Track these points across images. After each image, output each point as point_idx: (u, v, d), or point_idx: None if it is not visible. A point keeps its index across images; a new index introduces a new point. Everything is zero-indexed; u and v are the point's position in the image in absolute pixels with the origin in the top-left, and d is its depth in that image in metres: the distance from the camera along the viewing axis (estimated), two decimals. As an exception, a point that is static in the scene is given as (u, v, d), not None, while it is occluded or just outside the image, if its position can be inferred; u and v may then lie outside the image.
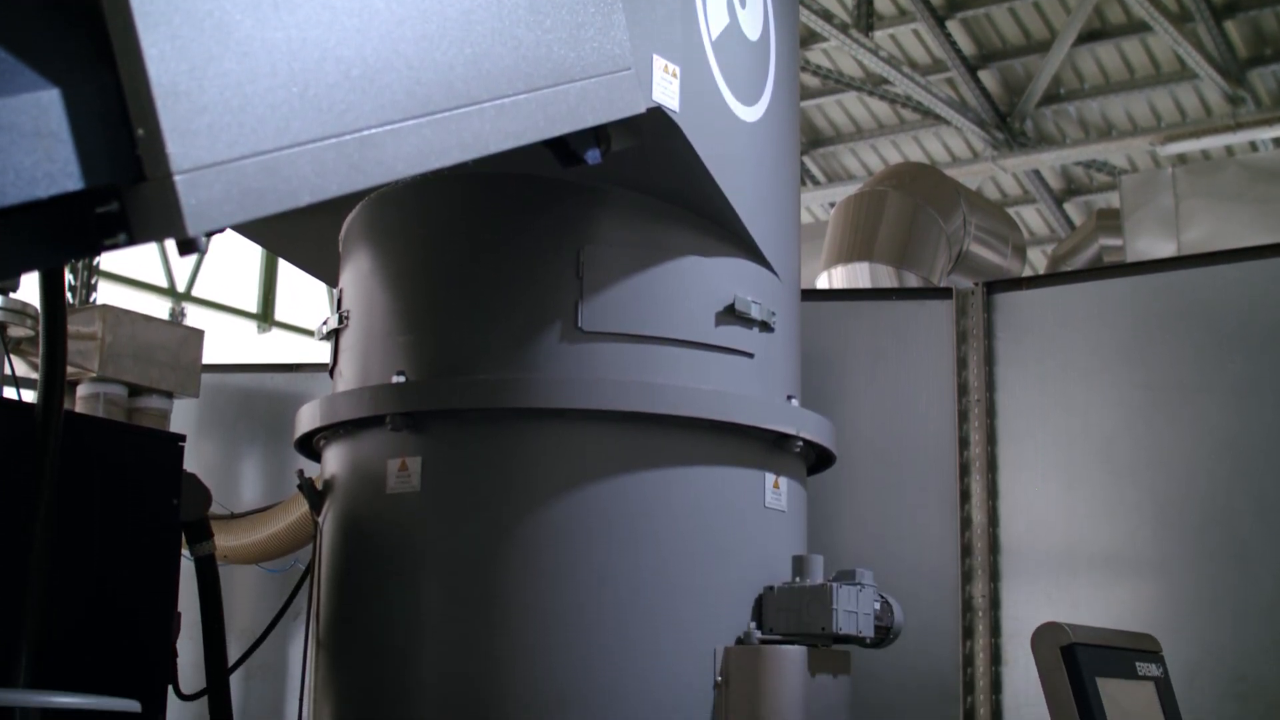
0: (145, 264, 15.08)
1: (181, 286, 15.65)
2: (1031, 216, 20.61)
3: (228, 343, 15.41)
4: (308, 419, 4.70)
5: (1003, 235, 11.30)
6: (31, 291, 5.97)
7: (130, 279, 14.74)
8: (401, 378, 4.36)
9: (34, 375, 4.85)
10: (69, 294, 10.94)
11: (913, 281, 10.08)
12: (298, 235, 5.34)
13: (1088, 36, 16.63)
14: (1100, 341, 6.06)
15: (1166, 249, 12.13)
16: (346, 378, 4.66)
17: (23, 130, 2.22)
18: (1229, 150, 16.95)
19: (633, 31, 3.62)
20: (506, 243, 4.40)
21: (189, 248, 2.38)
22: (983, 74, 17.49)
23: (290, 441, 4.93)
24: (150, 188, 2.34)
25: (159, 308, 14.68)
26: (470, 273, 4.41)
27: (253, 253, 16.14)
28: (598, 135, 3.78)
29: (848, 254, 10.40)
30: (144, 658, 4.59)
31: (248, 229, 5.18)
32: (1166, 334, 5.92)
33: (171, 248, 2.43)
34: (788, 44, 4.94)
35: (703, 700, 4.18)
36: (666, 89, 3.94)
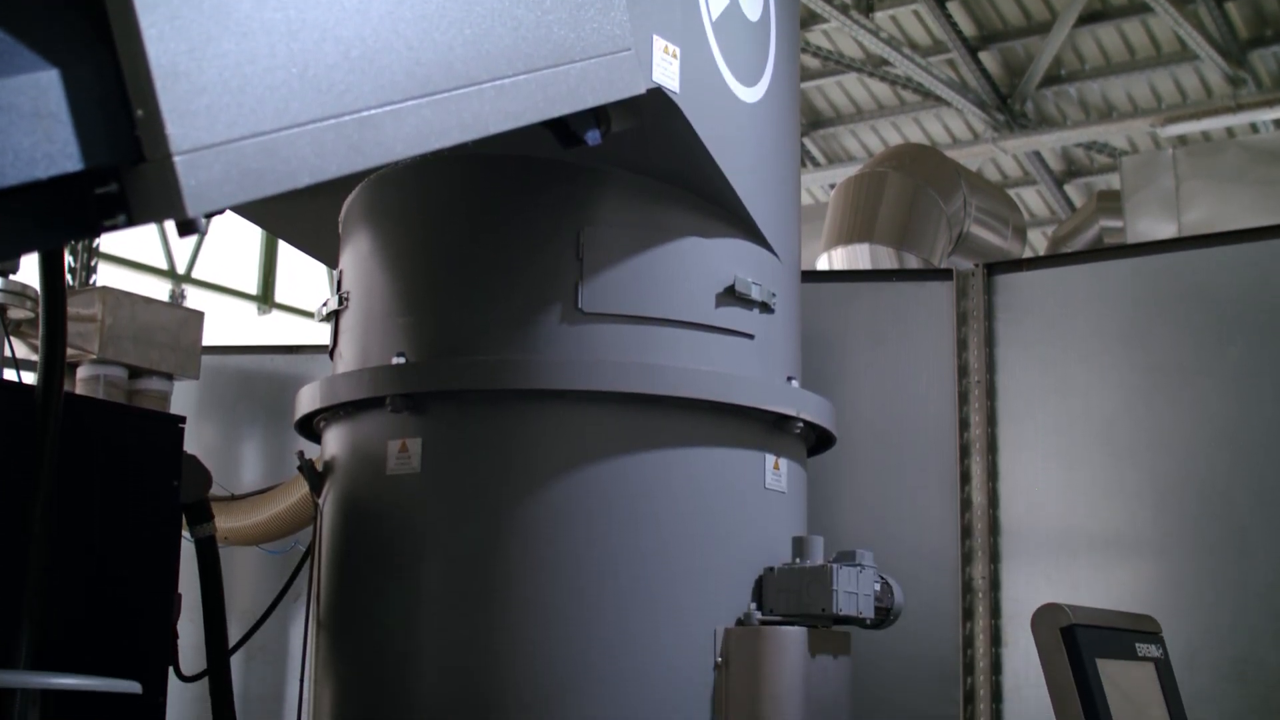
0: (145, 246, 15.10)
1: (181, 268, 15.66)
2: (1032, 198, 20.61)
3: (228, 324, 15.42)
4: (308, 400, 4.70)
5: (1003, 217, 11.29)
6: (31, 273, 5.97)
7: (130, 261, 14.75)
8: (401, 359, 4.36)
9: (34, 357, 4.85)
10: (69, 276, 10.95)
11: (913, 263, 10.07)
12: (297, 216, 5.33)
13: (1088, 17, 16.62)
14: (1101, 323, 6.05)
15: (1167, 230, 12.12)
16: (346, 359, 4.66)
17: (21, 111, 2.22)
18: (1230, 131, 16.94)
19: (633, 12, 3.61)
20: (506, 224, 4.40)
21: (188, 229, 2.37)
22: (983, 55, 17.47)
23: (290, 423, 4.93)
24: (150, 169, 2.33)
25: (159, 290, 14.70)
26: (470, 254, 4.40)
27: (253, 234, 16.16)
28: (598, 116, 3.78)
29: (848, 235, 10.40)
30: (144, 639, 4.59)
31: (247, 210, 5.17)
32: (1167, 315, 5.92)
33: (171, 229, 2.42)
34: (788, 25, 4.93)
35: (703, 681, 4.18)
36: (666, 70, 3.93)
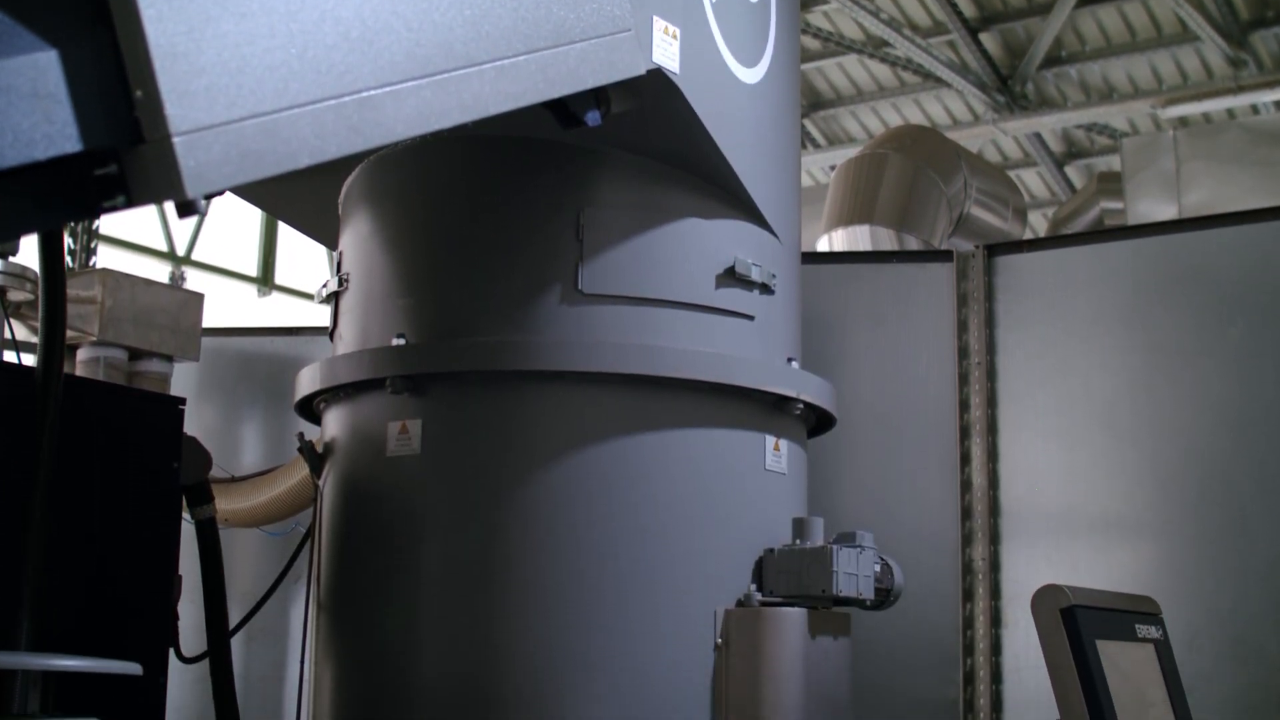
0: (145, 228, 15.09)
1: (181, 250, 15.66)
2: (1032, 179, 20.60)
3: (228, 306, 15.42)
4: (308, 382, 4.70)
5: (1003, 198, 11.29)
6: (31, 255, 5.96)
7: (130, 243, 14.75)
8: (401, 340, 4.36)
9: (34, 339, 4.85)
10: (68, 258, 10.95)
11: (913, 244, 10.07)
12: (297, 198, 5.33)
13: (1089, -2, 16.60)
14: (1101, 304, 6.05)
15: (1167, 212, 12.11)
16: (346, 340, 4.66)
17: (21, 92, 2.22)
18: (1230, 113, 16.91)
19: (633, -8, 3.60)
20: (506, 205, 4.39)
21: (188, 210, 2.37)
22: (984, 36, 17.44)
23: (290, 405, 4.93)
24: (149, 150, 2.33)
25: (159, 271, 14.70)
26: (470, 235, 4.40)
27: (252, 216, 16.16)
28: (598, 97, 3.77)
29: (848, 217, 10.40)
30: (145, 621, 4.59)
31: (247, 191, 5.16)
32: (1167, 297, 5.92)
33: (171, 211, 2.42)
34: (788, 6, 4.92)
35: (703, 662, 4.19)
36: (666, 50, 3.93)
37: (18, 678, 3.71)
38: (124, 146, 2.35)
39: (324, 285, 4.89)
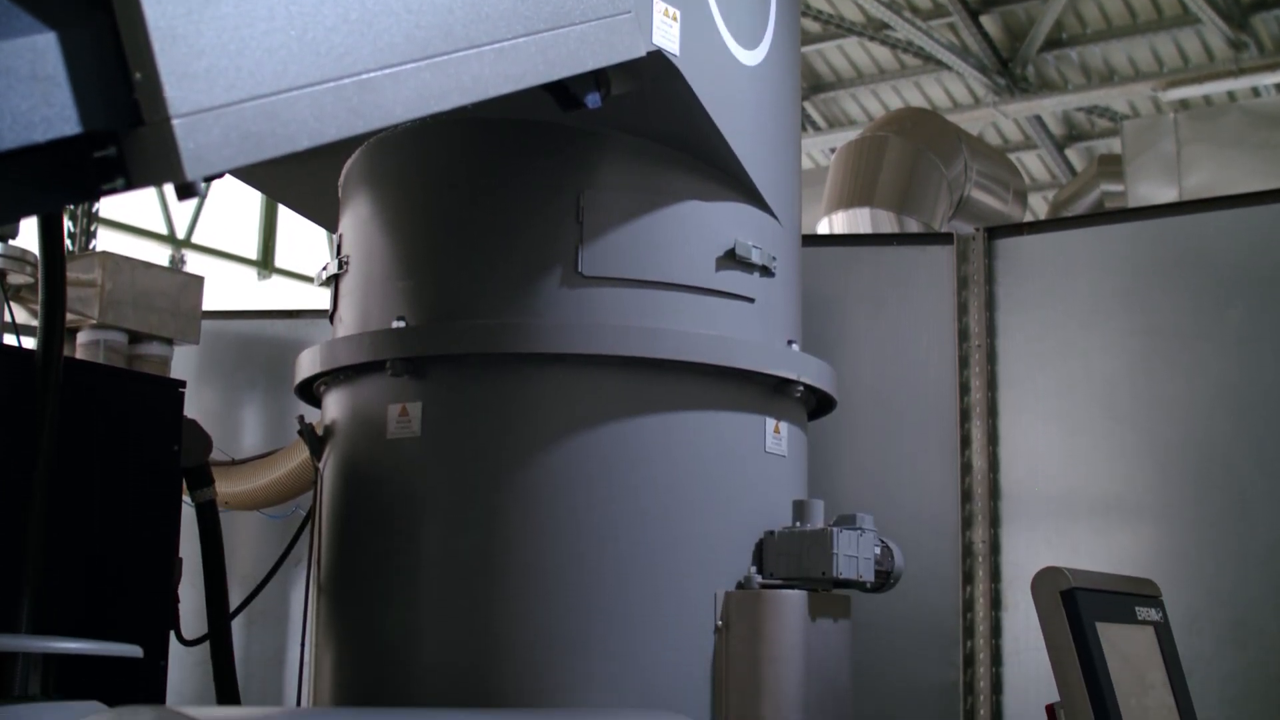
0: (145, 211, 15.08)
1: (181, 233, 15.66)
2: (1033, 162, 20.58)
3: (228, 289, 15.42)
4: (308, 364, 4.70)
5: (1004, 181, 11.29)
6: (31, 238, 5.96)
7: (130, 226, 14.75)
8: (401, 323, 4.35)
9: (34, 322, 4.84)
10: (68, 241, 10.94)
11: (913, 227, 10.07)
12: (297, 180, 5.32)
13: (1090, -20, 16.59)
14: (1101, 287, 6.05)
15: (1168, 195, 12.11)
16: (346, 323, 4.66)
17: (19, 74, 2.21)
18: (1231, 95, 16.90)
19: (633, -26, 3.60)
20: (506, 187, 4.39)
21: (187, 192, 2.36)
22: (984, 19, 17.42)
23: (290, 387, 4.93)
24: (148, 132, 2.33)
25: (159, 254, 14.70)
26: (470, 217, 4.40)
27: (252, 199, 16.16)
28: (598, 79, 3.76)
29: (848, 199, 10.39)
30: (145, 603, 4.60)
31: (246, 174, 5.16)
32: (1167, 280, 5.92)
33: (170, 193, 2.42)
34: (789, -13, 4.91)
35: (703, 644, 4.19)
36: (667, 32, 3.92)
37: (18, 660, 3.72)
38: (123, 129, 2.34)
39: (324, 268, 4.88)
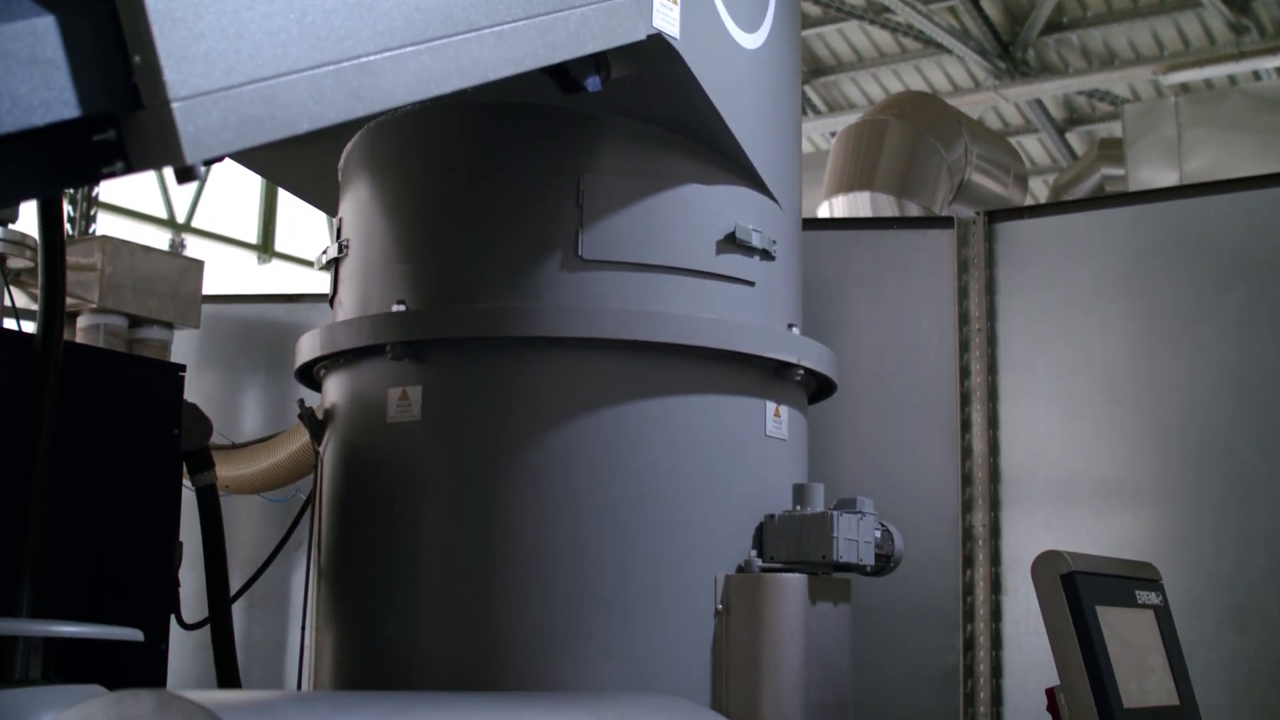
0: (145, 195, 15.08)
1: (181, 218, 15.65)
2: (1033, 146, 20.57)
3: (228, 273, 15.42)
4: (308, 348, 4.69)
5: (1004, 165, 11.29)
6: (31, 223, 5.96)
7: (130, 210, 14.74)
8: (401, 306, 4.35)
9: (34, 306, 4.84)
10: (68, 225, 10.93)
11: (914, 211, 10.07)
12: (297, 164, 5.32)
13: (1091, -36, 16.57)
14: (1101, 271, 6.05)
15: (1169, 178, 12.10)
16: (346, 307, 4.66)
17: (18, 57, 2.21)
18: (1232, 79, 16.88)
19: (633, -43, 3.59)
20: (506, 171, 4.38)
21: (187, 176, 2.36)
22: (985, 2, 17.40)
23: (291, 371, 4.93)
24: (147, 115, 2.32)
25: (159, 239, 14.69)
26: (470, 201, 4.39)
27: (252, 183, 16.14)
28: (598, 62, 3.75)
29: (849, 183, 10.39)
30: (146, 587, 4.60)
31: (246, 157, 5.15)
32: (1168, 264, 5.92)
33: (170, 177, 2.41)
34: (789, -29, 4.90)
35: (703, 628, 4.19)
36: (667, 15, 3.91)
37: (19, 644, 3.72)
38: (122, 112, 2.34)
39: (324, 252, 4.88)
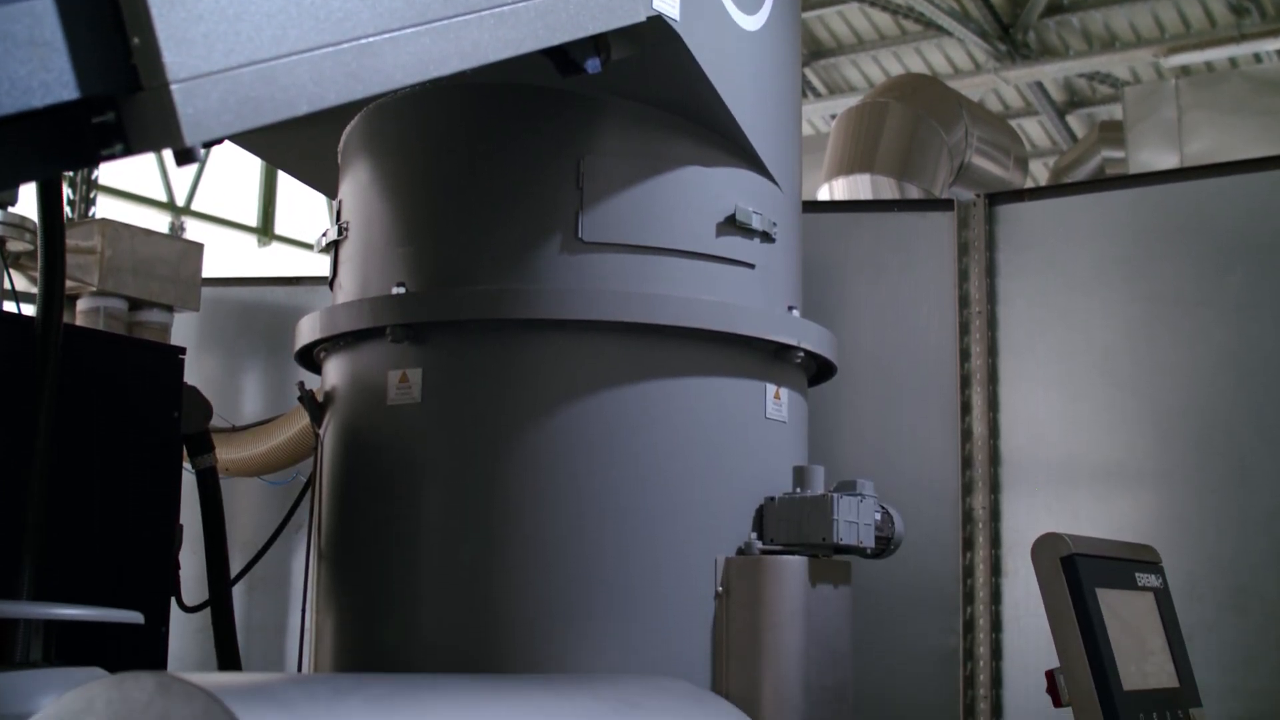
0: (144, 178, 15.07)
1: (181, 200, 15.64)
2: (1034, 128, 20.55)
3: (227, 256, 15.41)
4: (308, 331, 4.69)
5: (1004, 147, 11.28)
6: (30, 205, 5.95)
7: (129, 193, 14.73)
8: (401, 289, 4.35)
9: (33, 289, 4.84)
10: (67, 208, 10.92)
11: (914, 193, 10.06)
12: (296, 146, 5.31)
13: (1092, -54, 16.53)
14: (1102, 254, 6.04)
15: (1169, 161, 12.09)
16: (346, 289, 4.65)
17: (17, 39, 2.20)
18: (1233, 62, 16.87)
19: (633, -61, 3.58)
20: (506, 153, 4.38)
21: (186, 158, 2.36)
22: (985, -16, 17.37)
23: (291, 354, 4.93)
24: (147, 97, 2.32)
25: (158, 222, 14.69)
26: (470, 183, 4.39)
27: (252, 166, 16.13)
28: (597, 44, 3.74)
29: (849, 166, 10.39)
30: (146, 570, 4.61)
31: (245, 140, 5.15)
32: (1168, 246, 5.91)
33: (170, 160, 2.41)
34: (789, -48, 4.90)
35: (703, 610, 4.19)
36: (667, -3, 3.91)
37: (20, 627, 3.72)
38: (121, 94, 2.34)
39: (323, 234, 4.87)
